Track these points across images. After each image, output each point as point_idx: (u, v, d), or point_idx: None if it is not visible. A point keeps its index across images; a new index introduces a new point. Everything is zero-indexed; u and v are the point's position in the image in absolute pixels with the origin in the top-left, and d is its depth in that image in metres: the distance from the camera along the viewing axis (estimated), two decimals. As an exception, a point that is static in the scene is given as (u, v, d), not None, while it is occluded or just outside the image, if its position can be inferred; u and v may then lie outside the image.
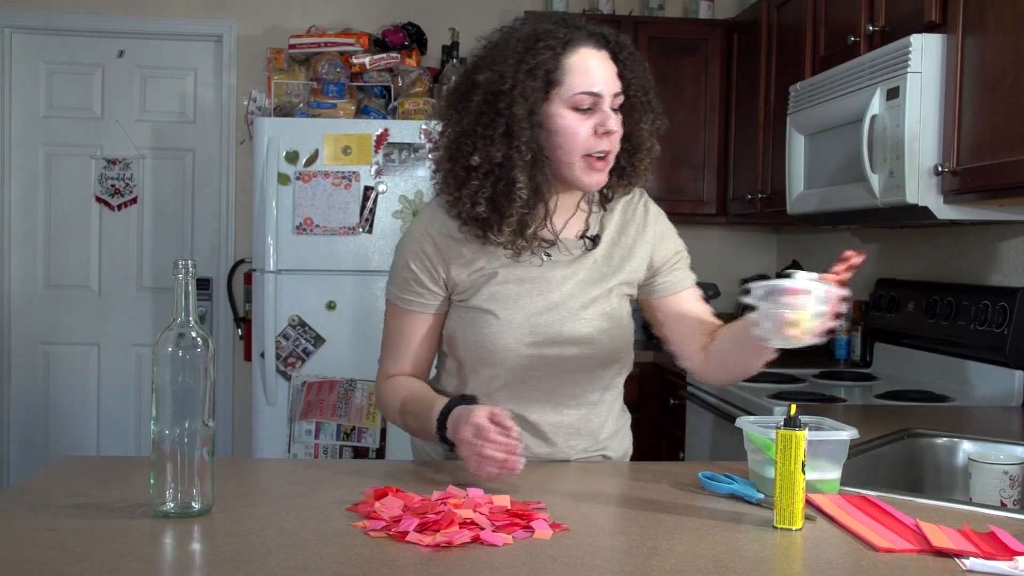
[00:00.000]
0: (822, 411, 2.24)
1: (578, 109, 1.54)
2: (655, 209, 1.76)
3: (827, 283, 1.36)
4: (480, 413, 1.41)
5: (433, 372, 1.77)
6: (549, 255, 1.64)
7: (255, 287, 3.73)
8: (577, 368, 1.64)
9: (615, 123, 1.56)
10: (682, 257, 1.75)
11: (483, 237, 1.59)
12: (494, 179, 1.54)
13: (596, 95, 1.54)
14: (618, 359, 1.69)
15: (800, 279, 1.36)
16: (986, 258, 2.79)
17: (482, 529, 1.21)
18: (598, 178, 1.58)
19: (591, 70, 1.54)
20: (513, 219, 1.56)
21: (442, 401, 1.53)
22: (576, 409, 1.67)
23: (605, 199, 1.69)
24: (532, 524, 1.24)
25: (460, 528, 1.20)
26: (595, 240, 1.67)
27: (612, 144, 1.57)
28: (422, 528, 1.20)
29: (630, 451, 1.83)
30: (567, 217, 1.67)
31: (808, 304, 1.34)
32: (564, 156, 1.55)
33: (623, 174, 1.66)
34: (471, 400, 1.52)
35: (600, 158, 1.56)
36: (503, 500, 1.31)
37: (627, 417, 1.82)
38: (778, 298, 1.35)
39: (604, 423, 1.71)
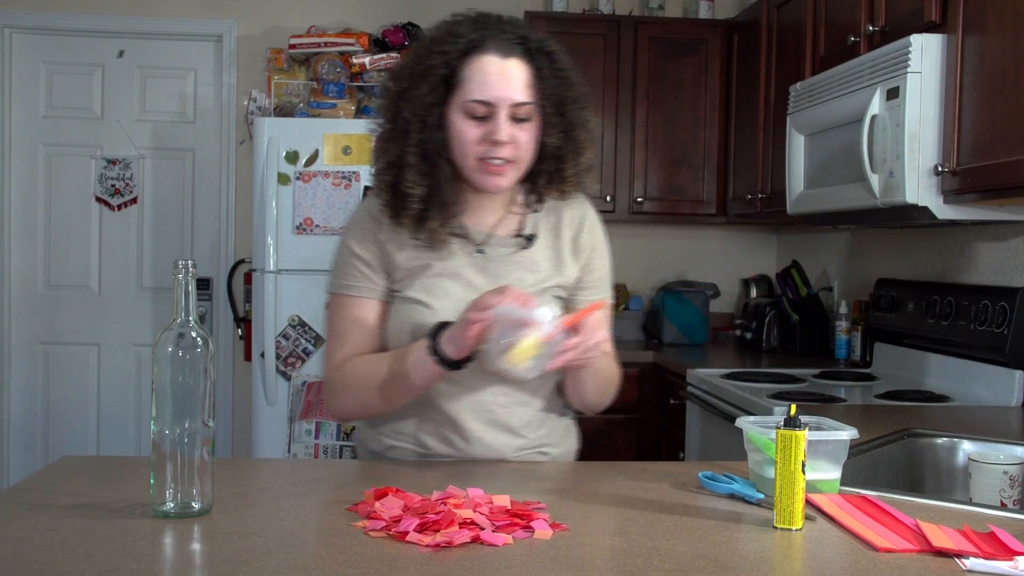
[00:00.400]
0: (822, 411, 2.24)
1: (471, 116, 1.55)
2: (593, 220, 1.76)
3: (559, 323, 1.38)
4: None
5: None
6: (482, 252, 1.65)
7: (255, 287, 3.74)
8: None
9: (507, 133, 1.55)
10: (604, 277, 1.75)
11: (394, 221, 1.62)
12: (394, 171, 1.59)
13: (488, 104, 1.54)
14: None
15: (536, 313, 1.39)
16: (986, 258, 2.79)
17: (482, 529, 1.21)
18: (495, 182, 1.59)
19: (486, 79, 1.54)
20: (411, 212, 1.59)
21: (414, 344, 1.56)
22: (505, 408, 1.65)
23: (536, 201, 1.69)
24: (532, 524, 1.24)
25: (460, 528, 1.20)
26: (530, 239, 1.67)
27: (510, 152, 1.57)
28: (422, 528, 1.20)
29: (573, 450, 1.81)
30: (498, 216, 1.68)
31: (534, 337, 1.36)
32: (459, 159, 1.59)
33: (551, 179, 1.66)
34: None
35: (498, 164, 1.57)
36: (503, 500, 1.31)
37: (566, 417, 1.80)
38: (509, 326, 1.37)
39: (530, 423, 1.68)
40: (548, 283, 1.67)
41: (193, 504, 1.28)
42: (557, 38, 4.49)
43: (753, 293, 4.29)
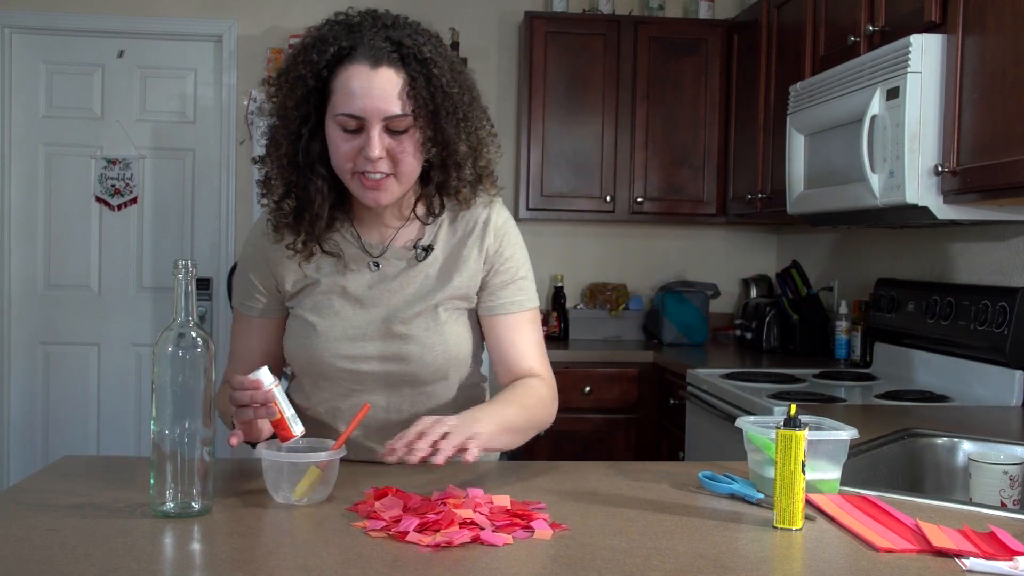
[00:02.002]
0: (822, 411, 2.24)
1: (344, 129, 1.47)
2: (500, 222, 1.64)
3: (327, 455, 1.36)
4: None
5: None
6: (377, 265, 1.61)
7: (255, 287, 3.72)
8: (399, 385, 1.60)
9: (380, 148, 1.46)
10: (516, 280, 1.64)
11: (277, 234, 1.57)
12: (266, 181, 1.55)
13: (358, 118, 1.46)
14: (445, 376, 1.62)
15: (299, 455, 1.36)
16: (986, 258, 2.79)
17: (482, 529, 1.21)
18: (374, 196, 1.50)
19: (352, 92, 1.45)
20: (283, 225, 1.55)
21: None
22: (402, 427, 1.56)
23: (429, 213, 1.61)
24: (532, 524, 1.24)
25: (460, 528, 1.20)
26: (427, 251, 1.61)
27: (386, 167, 1.48)
28: (422, 528, 1.20)
29: (496, 455, 1.76)
30: (396, 226, 1.62)
31: (306, 476, 1.35)
32: (337, 171, 1.52)
33: (441, 188, 1.58)
34: None
35: (376, 178, 1.49)
36: (503, 500, 1.31)
37: None
38: (282, 467, 1.36)
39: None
40: (439, 296, 1.59)
41: (193, 504, 1.28)
42: (557, 38, 4.48)
43: (753, 293, 4.29)
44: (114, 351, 4.40)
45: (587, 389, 3.68)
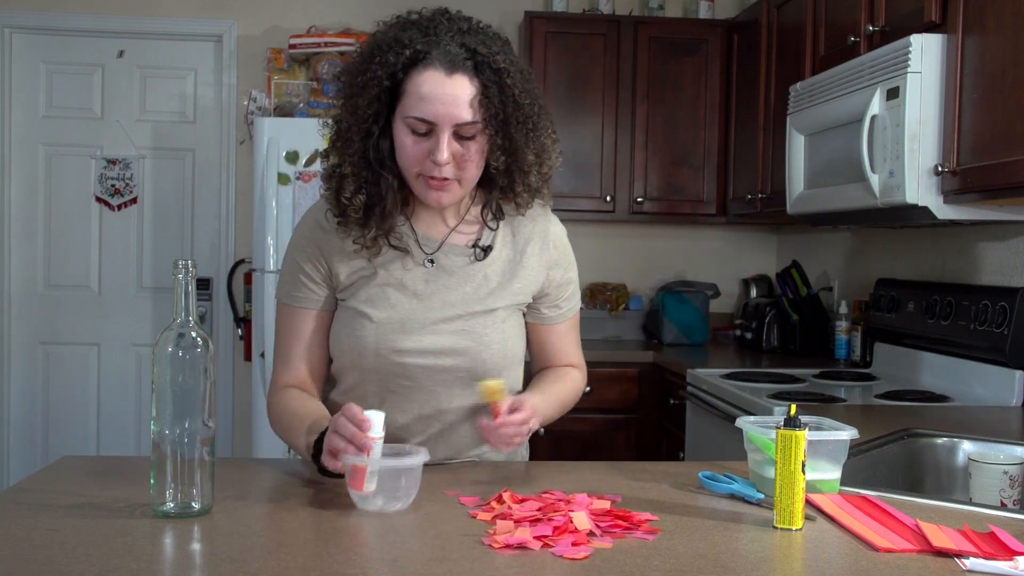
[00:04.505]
0: (822, 411, 2.24)
1: (413, 131, 1.49)
2: (557, 231, 1.70)
3: (418, 458, 1.34)
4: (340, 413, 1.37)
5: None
6: (433, 262, 1.61)
7: (255, 287, 3.73)
8: (451, 382, 1.59)
9: (447, 154, 1.48)
10: (570, 290, 1.72)
11: (340, 226, 1.58)
12: (336, 180, 1.56)
13: (428, 123, 1.48)
14: (497, 376, 1.60)
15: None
16: (986, 258, 2.79)
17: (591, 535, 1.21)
18: (436, 197, 1.53)
19: (426, 96, 1.47)
20: (352, 220, 1.55)
21: (320, 425, 1.45)
22: (444, 423, 1.60)
23: (492, 218, 1.64)
24: (634, 528, 1.25)
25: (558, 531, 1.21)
26: (486, 251, 1.62)
27: (451, 171, 1.51)
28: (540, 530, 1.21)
29: (524, 456, 1.80)
30: (454, 224, 1.63)
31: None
32: (403, 171, 1.54)
33: (504, 194, 1.61)
34: None
35: (439, 180, 1.51)
36: (604, 504, 1.32)
37: None
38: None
39: (477, 438, 1.61)
40: (498, 299, 1.61)
41: (193, 504, 1.28)
42: (557, 38, 4.47)
43: (753, 293, 4.29)
44: (114, 351, 4.40)
45: (587, 389, 3.66)
